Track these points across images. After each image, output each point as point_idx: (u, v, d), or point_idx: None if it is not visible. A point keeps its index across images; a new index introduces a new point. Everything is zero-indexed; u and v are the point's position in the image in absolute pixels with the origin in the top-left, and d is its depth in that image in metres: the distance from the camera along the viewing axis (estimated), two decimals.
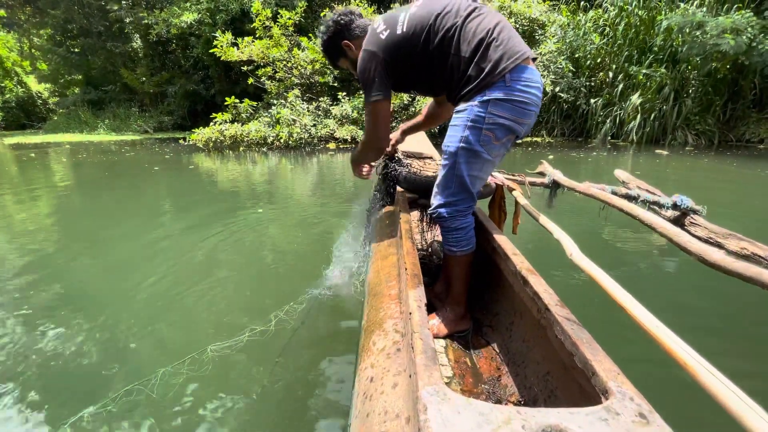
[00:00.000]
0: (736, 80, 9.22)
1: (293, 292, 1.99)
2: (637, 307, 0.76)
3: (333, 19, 1.33)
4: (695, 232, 1.73)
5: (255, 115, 10.11)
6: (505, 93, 1.07)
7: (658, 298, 2.00)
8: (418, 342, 0.71)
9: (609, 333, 1.58)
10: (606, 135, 10.07)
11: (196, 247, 2.75)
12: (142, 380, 1.41)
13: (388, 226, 1.65)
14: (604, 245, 2.81)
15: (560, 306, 0.85)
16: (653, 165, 6.48)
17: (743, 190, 4.66)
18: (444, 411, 0.53)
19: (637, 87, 9.64)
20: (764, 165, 6.24)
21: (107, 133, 15.62)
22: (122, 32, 18.22)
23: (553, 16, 10.53)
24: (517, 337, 1.18)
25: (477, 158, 1.14)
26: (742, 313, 1.91)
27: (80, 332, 1.77)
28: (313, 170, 6.45)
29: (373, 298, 1.21)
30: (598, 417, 0.53)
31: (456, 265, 1.26)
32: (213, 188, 4.96)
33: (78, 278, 2.36)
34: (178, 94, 16.51)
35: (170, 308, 1.97)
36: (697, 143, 9.21)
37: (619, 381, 0.61)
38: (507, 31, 1.11)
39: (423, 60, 1.19)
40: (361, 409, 0.79)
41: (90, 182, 5.66)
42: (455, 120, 1.16)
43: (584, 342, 0.72)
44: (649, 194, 1.92)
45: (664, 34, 9.47)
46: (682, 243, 1.09)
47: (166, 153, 9.02)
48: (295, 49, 9.94)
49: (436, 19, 1.14)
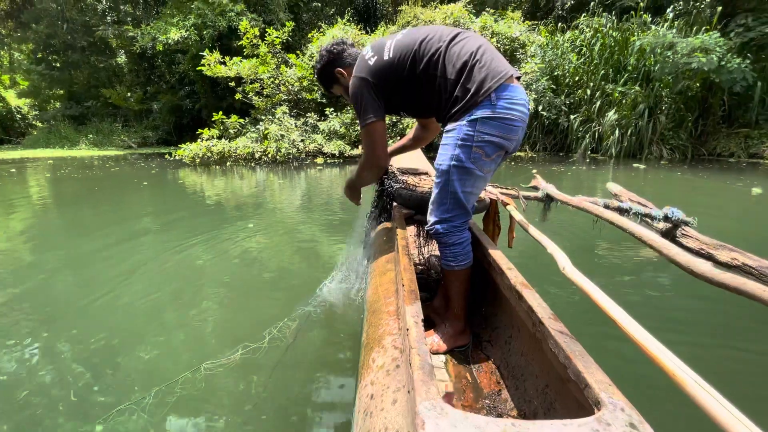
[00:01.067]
0: (706, 98, 9.71)
1: (285, 308, 2.00)
2: (627, 319, 0.80)
3: (326, 49, 1.42)
4: (687, 243, 1.79)
5: (242, 131, 10.11)
6: (491, 111, 1.13)
7: (647, 309, 2.06)
8: (415, 358, 0.73)
9: (601, 345, 1.63)
10: (586, 150, 10.41)
11: (185, 264, 2.72)
12: (134, 400, 1.39)
13: (385, 242, 1.67)
14: (599, 257, 2.87)
15: (554, 319, 0.88)
16: (630, 178, 6.72)
17: (712, 201, 4.88)
18: (441, 425, 0.55)
19: (614, 104, 10.04)
20: (733, 177, 6.55)
21: (89, 148, 15.31)
22: (107, 47, 18.10)
23: (532, 36, 10.96)
24: (516, 351, 1.20)
25: (469, 175, 1.19)
26: (732, 324, 1.98)
27: (65, 352, 1.73)
28: (302, 185, 6.47)
29: (372, 314, 1.22)
30: (589, 428, 0.55)
31: (455, 279, 1.29)
32: (202, 204, 4.92)
33: (64, 297, 2.31)
34: (164, 109, 16.39)
35: (159, 326, 1.95)
36: (671, 157, 9.60)
37: (610, 392, 0.63)
38: (490, 52, 1.18)
39: (411, 83, 1.26)
40: (362, 426, 0.80)
41: (76, 198, 5.54)
42: (445, 139, 1.21)
43: (577, 354, 0.74)
44: (640, 207, 1.99)
45: (637, 54, 9.95)
46: (670, 255, 1.15)
47: (152, 168, 8.90)
48: (282, 66, 10.05)
49: (421, 45, 1.21)
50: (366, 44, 1.38)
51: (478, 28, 9.97)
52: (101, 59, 17.64)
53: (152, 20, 14.11)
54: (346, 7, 17.35)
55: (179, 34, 10.98)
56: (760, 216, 4.10)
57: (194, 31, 11.13)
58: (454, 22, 9.77)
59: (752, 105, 9.27)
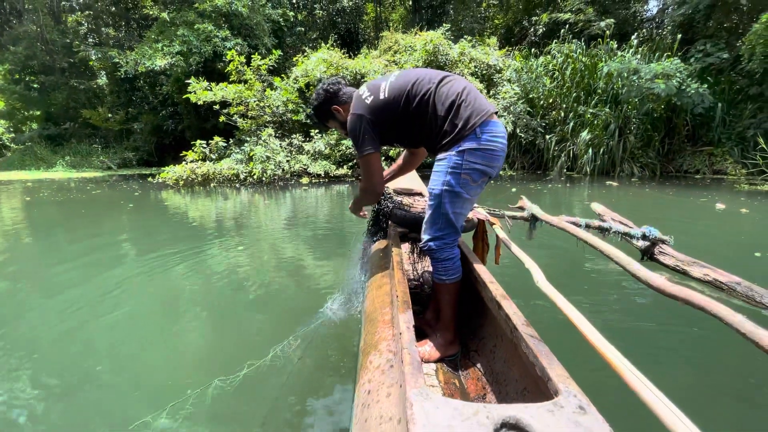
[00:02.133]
0: (670, 118, 10.37)
1: (286, 327, 2.06)
2: (584, 323, 0.97)
3: (323, 88, 1.57)
4: (664, 261, 1.94)
5: (227, 152, 10.15)
6: (477, 143, 1.30)
7: (613, 315, 2.22)
8: (406, 356, 0.84)
9: (565, 346, 1.76)
10: (562, 168, 10.87)
11: (179, 286, 2.75)
12: (148, 416, 1.44)
13: (381, 258, 1.79)
14: (579, 271, 3.01)
15: (526, 325, 1.00)
16: (602, 195, 7.07)
17: (680, 215, 5.18)
18: (426, 407, 0.67)
19: (586, 124, 10.59)
20: (698, 193, 6.98)
21: (66, 170, 15.00)
22: (87, 69, 17.99)
23: (508, 61, 11.53)
24: (499, 358, 1.31)
25: (458, 198, 1.35)
26: (683, 332, 2.15)
27: (76, 377, 1.75)
28: (290, 205, 6.54)
29: (370, 323, 1.34)
30: (546, 409, 0.66)
31: (446, 292, 1.42)
32: (190, 225, 4.92)
33: (67, 320, 2.31)
34: (145, 130, 16.28)
35: (154, 348, 1.98)
36: (641, 174, 10.12)
37: (567, 383, 0.74)
38: (473, 93, 1.37)
39: (404, 119, 1.43)
40: (360, 416, 0.91)
41: (66, 220, 5.44)
42: (437, 167, 1.37)
43: (542, 354, 0.85)
44: (621, 226, 2.15)
45: (606, 78, 10.59)
46: (632, 271, 1.30)
47: (135, 190, 8.80)
48: (268, 89, 10.24)
49: (413, 86, 1.39)
50: (362, 84, 1.55)
51: (457, 54, 10.44)
52: (81, 81, 17.48)
53: (135, 43, 14.17)
54: (329, 31, 17.87)
55: (165, 60, 11.05)
56: (724, 230, 4.40)
57: (180, 58, 11.22)
58: (434, 48, 10.21)
59: (714, 125, 9.94)
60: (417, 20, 17.40)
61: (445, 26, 11.49)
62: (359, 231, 2.20)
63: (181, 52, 11.19)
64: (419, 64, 10.57)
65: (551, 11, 14.98)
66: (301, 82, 10.48)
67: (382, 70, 10.77)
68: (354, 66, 10.42)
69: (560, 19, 13.83)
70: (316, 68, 10.25)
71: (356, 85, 10.38)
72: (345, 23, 18.92)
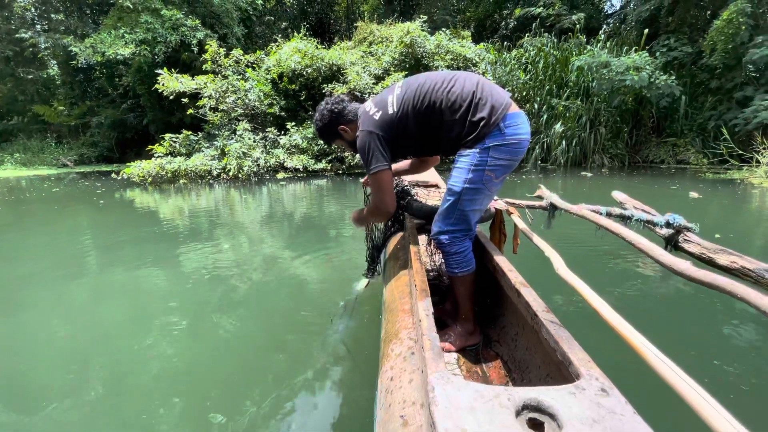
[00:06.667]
0: (637, 111, 10.82)
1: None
2: (605, 307, 0.97)
3: (328, 108, 1.48)
4: (689, 249, 1.88)
5: (196, 146, 9.68)
6: (501, 139, 1.26)
7: (626, 302, 2.24)
8: (426, 342, 0.85)
9: (586, 331, 1.75)
10: (536, 159, 11.14)
11: (174, 292, 2.58)
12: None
13: (399, 250, 1.77)
14: (598, 260, 3.04)
15: (546, 311, 0.99)
16: (574, 185, 7.29)
17: (654, 204, 5.36)
18: (448, 389, 0.67)
19: (559, 117, 10.89)
20: (661, 182, 7.33)
21: (16, 167, 13.92)
22: (35, 57, 16.67)
23: (483, 54, 11.63)
24: (521, 346, 1.29)
25: (479, 194, 1.32)
26: (707, 318, 2.15)
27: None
28: (266, 201, 6.31)
29: (390, 313, 1.32)
30: (568, 392, 0.66)
31: (460, 284, 1.38)
32: (165, 226, 4.64)
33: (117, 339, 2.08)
34: (104, 125, 15.31)
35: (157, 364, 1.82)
36: (611, 165, 10.54)
37: (589, 367, 0.73)
38: (488, 87, 1.31)
39: (417, 128, 1.36)
40: (384, 401, 0.91)
41: (31, 221, 4.97)
42: (460, 164, 1.31)
43: (564, 339, 0.84)
44: (644, 213, 2.12)
45: (577, 71, 10.90)
46: (655, 256, 1.29)
47: (97, 188, 8.24)
48: (241, 81, 9.83)
49: (421, 96, 1.32)
50: (367, 100, 1.48)
51: (434, 47, 10.40)
52: (28, 70, 16.19)
53: (89, 30, 13.23)
54: (300, 21, 17.42)
55: (129, 49, 10.32)
56: (702, 217, 4.59)
57: (145, 47, 10.54)
58: (411, 40, 10.11)
59: (677, 117, 10.47)
60: (390, 11, 17.26)
61: (422, 17, 11.40)
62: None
63: (145, 40, 10.51)
64: (396, 56, 10.46)
65: (523, 5, 15.24)
66: (274, 72, 10.12)
67: (360, 62, 10.57)
68: (330, 57, 10.15)
69: (532, 12, 14.09)
70: (290, 58, 9.93)
71: (333, 77, 10.16)
72: (316, 13, 18.54)
